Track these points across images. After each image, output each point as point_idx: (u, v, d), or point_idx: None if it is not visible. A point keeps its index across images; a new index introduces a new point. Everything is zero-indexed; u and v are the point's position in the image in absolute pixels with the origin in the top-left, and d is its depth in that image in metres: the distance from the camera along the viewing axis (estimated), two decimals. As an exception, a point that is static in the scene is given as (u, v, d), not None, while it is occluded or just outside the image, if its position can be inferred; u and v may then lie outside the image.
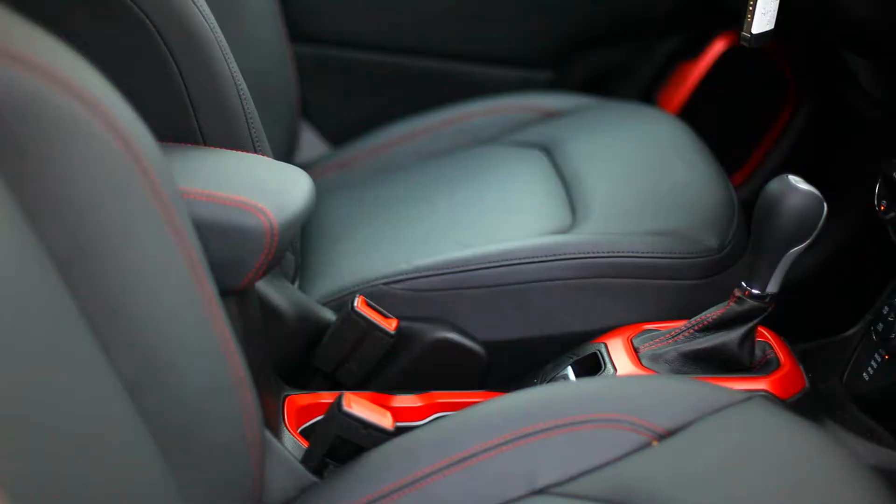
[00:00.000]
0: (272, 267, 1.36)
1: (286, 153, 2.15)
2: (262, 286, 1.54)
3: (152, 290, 1.04)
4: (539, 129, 2.14)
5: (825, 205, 1.48)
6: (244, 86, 1.53)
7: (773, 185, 1.49)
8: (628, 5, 2.50)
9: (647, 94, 2.58)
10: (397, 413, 1.53)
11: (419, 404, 1.60)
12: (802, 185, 1.48)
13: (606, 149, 2.01)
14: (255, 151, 1.54)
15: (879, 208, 1.75)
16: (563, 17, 2.45)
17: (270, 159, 1.55)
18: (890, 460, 1.63)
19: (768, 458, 1.24)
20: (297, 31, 2.32)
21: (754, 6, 1.70)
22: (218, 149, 1.49)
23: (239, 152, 1.49)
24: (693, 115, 2.40)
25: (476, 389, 1.65)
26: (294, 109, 2.26)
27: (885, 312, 1.81)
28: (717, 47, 2.55)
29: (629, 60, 2.60)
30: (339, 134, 2.40)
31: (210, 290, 1.08)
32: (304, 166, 1.95)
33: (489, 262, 1.71)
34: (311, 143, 2.44)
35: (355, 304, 1.61)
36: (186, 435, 1.09)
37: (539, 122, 2.17)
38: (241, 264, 1.32)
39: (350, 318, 1.61)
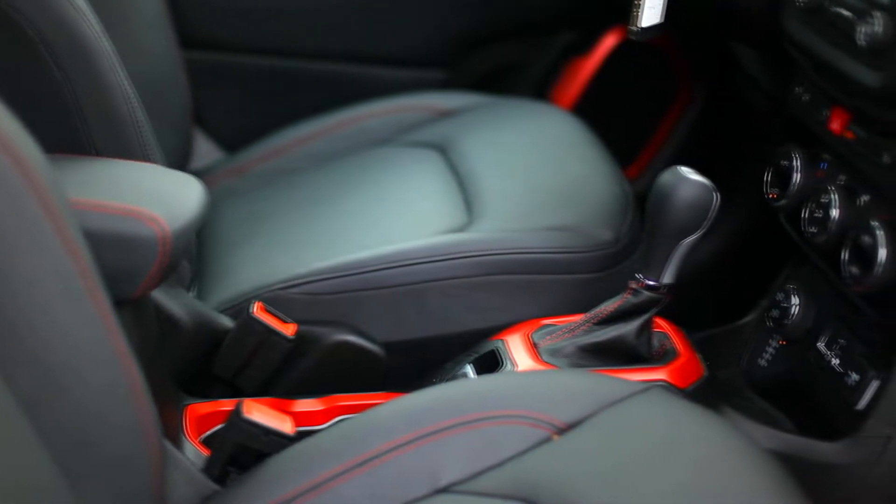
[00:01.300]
0: (167, 275, 1.35)
1: (181, 161, 2.13)
2: (158, 295, 1.53)
3: (44, 302, 1.03)
4: (434, 128, 2.14)
5: (716, 195, 1.50)
6: (134, 94, 1.52)
7: (665, 177, 1.50)
8: (519, 3, 2.51)
9: (541, 91, 2.60)
10: (299, 418, 1.52)
11: (320, 408, 1.59)
12: (694, 175, 1.50)
13: (501, 146, 2.02)
14: (147, 160, 1.52)
15: (770, 196, 1.77)
16: (455, 16, 2.45)
17: (162, 168, 1.53)
18: (788, 444, 1.65)
19: (667, 446, 1.25)
20: (189, 37, 2.30)
21: (642, 0, 1.71)
22: (108, 159, 1.47)
23: (129, 162, 1.48)
24: (587, 110, 2.42)
25: (377, 391, 1.65)
26: (187, 116, 2.24)
27: (779, 299, 1.83)
28: (609, 42, 2.57)
29: (522, 58, 2.61)
30: (235, 140, 2.38)
31: (103, 300, 1.07)
32: (199, 173, 1.94)
33: (386, 264, 1.71)
34: (206, 149, 2.42)
35: (253, 309, 1.60)
36: (85, 449, 1.08)
37: (433, 122, 2.17)
38: (135, 274, 1.31)
39: (248, 324, 1.60)
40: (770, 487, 1.20)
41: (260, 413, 1.36)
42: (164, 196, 1.38)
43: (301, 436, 1.35)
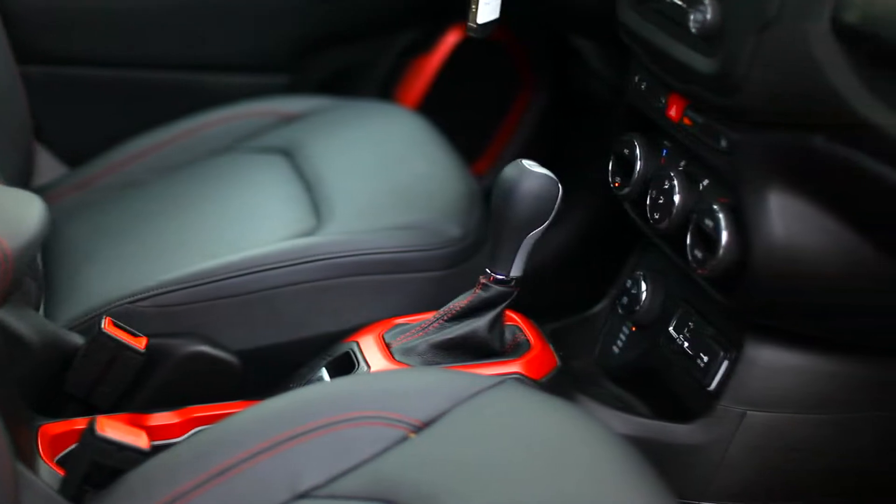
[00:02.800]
0: (9, 295, 1.32)
1: (22, 178, 2.09)
2: (3, 315, 1.50)
3: None
4: (278, 133, 2.13)
5: (560, 186, 1.51)
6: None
7: (508, 171, 1.51)
8: (359, 4, 2.51)
9: (386, 91, 2.60)
10: (154, 432, 1.51)
11: (176, 420, 1.58)
12: (536, 168, 1.51)
13: (346, 148, 2.02)
14: (-16, 179, 1.50)
15: (614, 185, 1.79)
16: (295, 20, 2.44)
17: (0, 186, 1.51)
18: (643, 428, 1.67)
19: (523, 438, 1.26)
20: (25, 51, 2.26)
21: (477, -4, 1.72)
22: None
23: (-34, 182, 1.46)
24: (432, 108, 2.43)
25: (234, 400, 1.64)
26: (27, 132, 2.20)
27: (628, 286, 1.86)
28: (451, 40, 2.58)
29: (366, 58, 2.61)
30: (78, 154, 2.35)
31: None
32: (42, 190, 1.91)
33: (235, 272, 1.70)
34: (48, 165, 2.38)
35: (103, 325, 1.58)
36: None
37: (278, 127, 2.16)
38: None
39: (98, 340, 1.58)
40: (624, 472, 1.21)
41: (113, 429, 1.34)
42: (3, 214, 1.36)
43: (157, 450, 1.34)
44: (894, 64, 1.26)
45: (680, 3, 1.52)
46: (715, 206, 1.54)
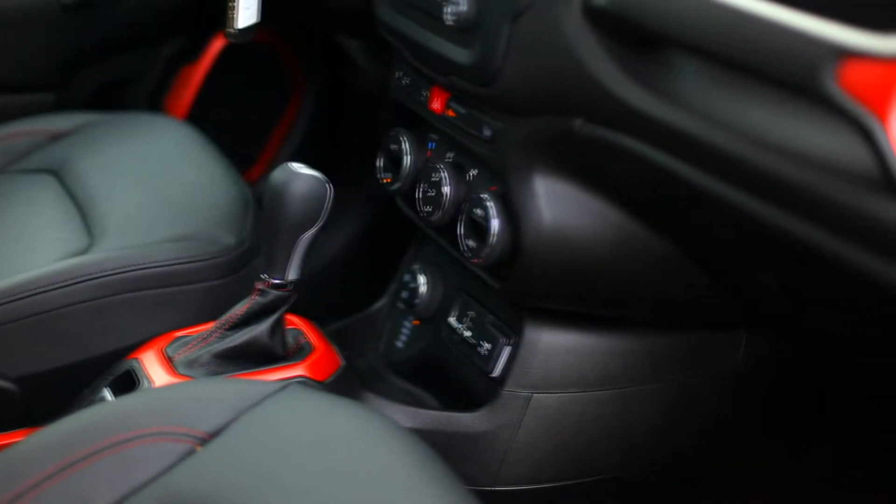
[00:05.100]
0: None
1: None
2: None
3: None
4: (46, 152, 2.09)
5: (329, 187, 1.51)
6: None
7: (276, 175, 1.51)
8: (119, 15, 2.48)
9: (155, 102, 2.57)
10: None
11: (-45, 455, 1.54)
12: (305, 170, 1.50)
13: (116, 163, 1.99)
14: None
15: (385, 181, 1.80)
16: (52, 35, 2.39)
17: None
18: (431, 420, 1.69)
19: (309, 441, 1.26)
20: None
21: (235, 2, 1.71)
22: None
23: None
24: (203, 117, 2.41)
25: (17, 429, 1.60)
26: None
27: (406, 280, 1.87)
28: (217, 46, 2.56)
29: (132, 71, 2.58)
30: None
31: None
32: None
33: (8, 297, 1.66)
34: None
35: None
36: None
37: (46, 146, 2.12)
38: None
39: None
40: (412, 466, 1.22)
41: None
42: None
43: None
44: (646, 45, 1.29)
45: (435, -4, 1.54)
46: (484, 196, 1.56)
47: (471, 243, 1.60)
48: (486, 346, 1.70)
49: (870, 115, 0.96)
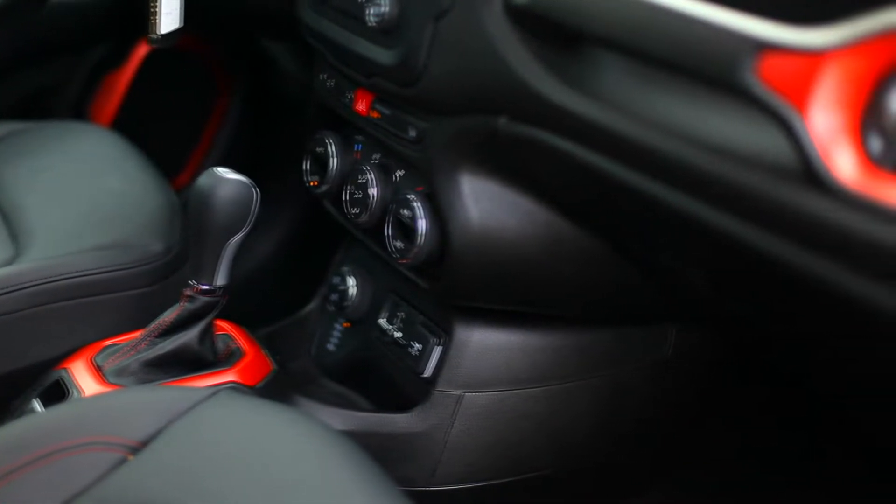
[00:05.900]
0: None
1: None
2: None
3: None
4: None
5: (256, 191, 1.50)
6: None
7: (202, 180, 1.50)
8: (39, 23, 2.45)
9: (80, 110, 2.55)
10: None
11: None
12: (230, 175, 1.50)
13: (41, 172, 1.97)
14: None
15: (312, 184, 1.80)
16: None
17: None
18: (363, 422, 1.69)
19: (240, 446, 1.26)
20: None
21: (157, 7, 1.71)
22: None
23: None
24: (128, 124, 2.40)
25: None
26: None
27: (335, 283, 1.87)
28: (141, 52, 2.55)
29: (56, 79, 2.55)
30: None
31: None
32: None
33: None
34: None
35: None
36: None
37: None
38: None
39: None
40: (344, 469, 1.22)
41: None
42: None
43: None
44: (568, 43, 1.29)
45: (357, -2, 1.54)
46: (410, 196, 1.57)
47: (399, 244, 1.60)
48: (417, 346, 1.70)
49: (789, 108, 0.97)
